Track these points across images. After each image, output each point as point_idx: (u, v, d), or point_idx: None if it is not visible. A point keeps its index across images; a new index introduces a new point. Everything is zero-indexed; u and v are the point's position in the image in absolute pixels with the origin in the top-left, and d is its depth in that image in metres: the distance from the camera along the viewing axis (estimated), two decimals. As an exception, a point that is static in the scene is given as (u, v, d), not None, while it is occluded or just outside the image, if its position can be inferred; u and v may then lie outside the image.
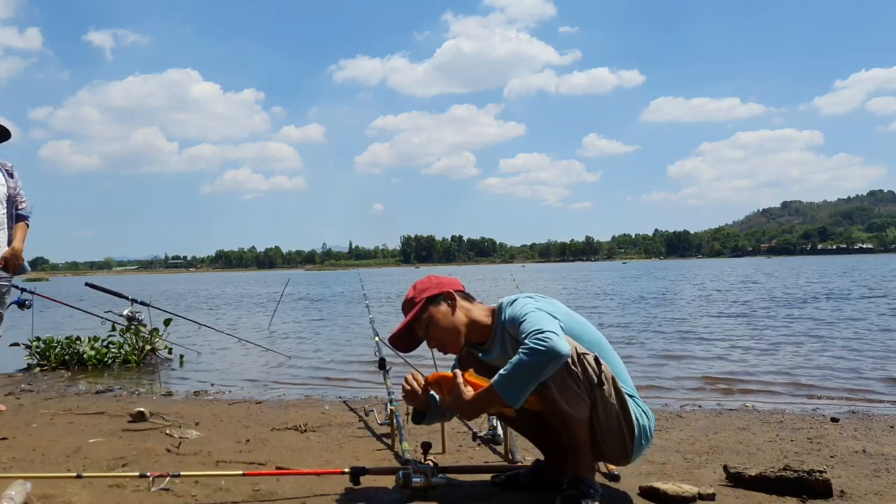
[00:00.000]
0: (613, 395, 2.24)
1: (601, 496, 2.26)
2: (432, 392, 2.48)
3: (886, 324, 9.72)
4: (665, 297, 18.17)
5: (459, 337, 2.46)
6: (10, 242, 4.32)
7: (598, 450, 2.31)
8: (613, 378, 2.26)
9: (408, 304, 2.52)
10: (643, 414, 2.33)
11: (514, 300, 2.39)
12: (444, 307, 2.47)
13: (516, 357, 2.13)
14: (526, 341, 2.13)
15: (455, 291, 2.51)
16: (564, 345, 2.11)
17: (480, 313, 2.49)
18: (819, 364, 6.31)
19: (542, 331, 2.12)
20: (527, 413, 2.42)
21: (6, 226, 4.30)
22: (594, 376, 2.20)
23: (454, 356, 2.63)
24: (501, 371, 2.15)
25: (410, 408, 2.60)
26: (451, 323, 2.45)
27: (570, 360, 2.16)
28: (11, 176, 4.36)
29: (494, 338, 2.43)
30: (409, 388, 2.44)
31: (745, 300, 15.76)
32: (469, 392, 2.24)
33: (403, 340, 2.55)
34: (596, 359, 2.24)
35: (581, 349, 2.23)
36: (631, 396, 2.31)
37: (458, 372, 2.29)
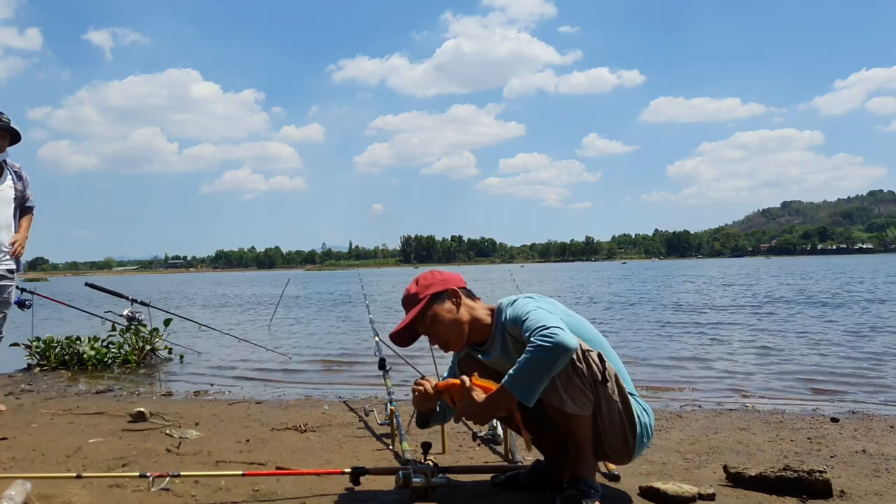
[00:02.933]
0: (616, 393, 2.24)
1: (601, 496, 2.26)
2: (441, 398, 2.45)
3: (885, 325, 9.72)
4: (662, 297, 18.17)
5: (463, 335, 2.44)
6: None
7: (601, 448, 2.31)
8: (616, 375, 2.26)
9: (411, 300, 2.48)
10: (644, 411, 2.33)
11: (515, 300, 2.39)
12: (448, 305, 2.44)
13: (525, 355, 2.12)
14: (532, 339, 2.12)
15: (459, 289, 2.49)
16: (572, 339, 2.11)
17: (482, 312, 2.48)
18: (819, 364, 6.31)
19: (548, 326, 2.12)
20: (526, 413, 2.42)
21: (13, 226, 4.38)
22: (598, 373, 2.20)
23: (452, 357, 2.63)
24: (511, 371, 2.14)
25: (413, 412, 2.58)
26: (455, 321, 2.43)
27: (575, 356, 2.16)
28: (20, 178, 4.45)
29: (494, 338, 2.42)
30: (420, 391, 2.40)
31: (743, 301, 15.76)
32: (480, 396, 2.22)
33: (403, 335, 2.52)
34: (599, 356, 2.24)
35: (585, 346, 2.23)
36: (631, 395, 2.31)
37: (466, 378, 2.27)
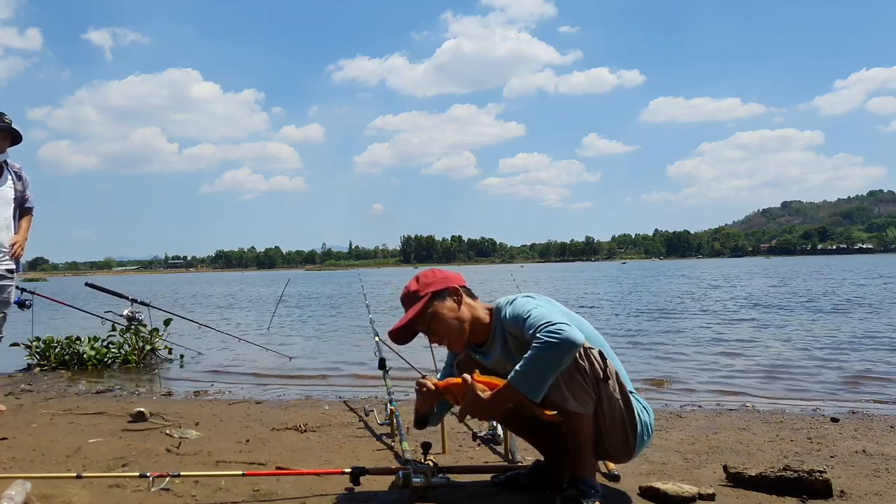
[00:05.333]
0: (618, 391, 2.24)
1: (601, 496, 2.26)
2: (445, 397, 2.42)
3: (885, 325, 9.72)
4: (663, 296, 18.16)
5: (464, 334, 2.42)
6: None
7: (602, 447, 2.30)
8: (617, 373, 2.26)
9: (411, 297, 2.45)
10: (644, 410, 2.34)
11: (514, 299, 2.38)
12: (449, 303, 2.42)
13: (531, 351, 2.11)
14: (538, 335, 2.11)
15: (460, 287, 2.47)
16: (578, 334, 2.10)
17: (482, 311, 2.46)
18: (819, 365, 6.31)
19: (554, 322, 2.11)
20: (520, 416, 2.42)
21: (13, 227, 4.38)
22: (600, 371, 2.20)
23: (447, 358, 2.61)
24: (517, 367, 2.13)
25: (412, 414, 2.57)
26: (456, 319, 2.40)
27: (577, 353, 2.16)
28: (20, 178, 4.46)
29: (494, 338, 2.41)
30: (423, 390, 2.37)
31: (743, 302, 15.75)
32: (485, 392, 2.21)
33: (402, 333, 2.48)
34: (601, 353, 2.23)
35: (587, 343, 2.22)
36: (631, 393, 2.31)
37: (468, 376, 2.25)
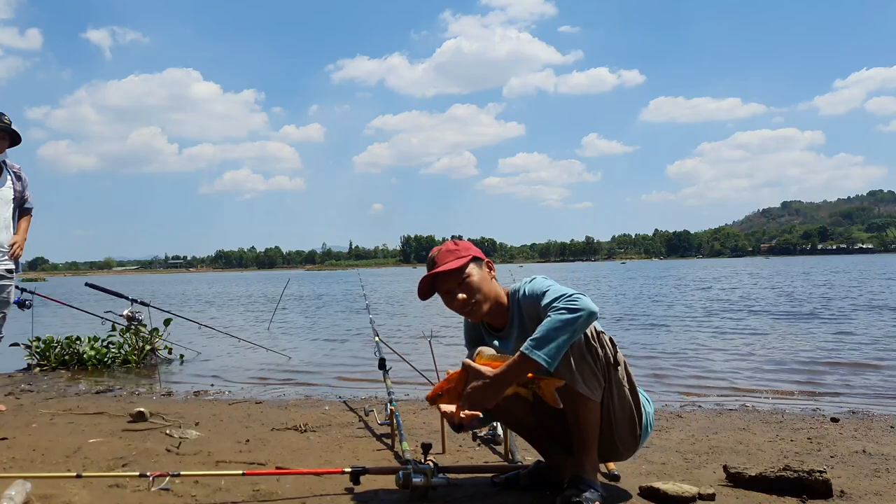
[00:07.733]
0: (626, 379, 2.24)
1: (601, 496, 2.26)
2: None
3: (885, 325, 9.72)
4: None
5: (488, 304, 2.40)
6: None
7: (610, 437, 2.30)
8: (625, 361, 2.26)
9: (450, 254, 2.43)
10: (647, 401, 2.35)
11: (533, 278, 2.38)
12: (485, 271, 2.45)
13: (547, 319, 2.09)
14: (556, 304, 2.11)
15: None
16: (594, 304, 2.10)
17: (503, 293, 2.47)
18: (819, 364, 6.31)
19: (571, 294, 2.13)
20: (525, 414, 2.42)
21: (12, 227, 4.39)
22: (611, 356, 2.20)
23: (465, 334, 2.61)
24: (532, 336, 2.10)
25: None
26: (488, 286, 2.41)
27: (589, 334, 2.16)
28: (19, 179, 4.47)
29: (512, 321, 2.40)
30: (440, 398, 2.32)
31: (744, 302, 15.75)
32: (488, 370, 2.15)
33: (430, 282, 2.44)
34: (611, 340, 2.24)
35: (598, 327, 2.22)
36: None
37: (467, 360, 2.23)
